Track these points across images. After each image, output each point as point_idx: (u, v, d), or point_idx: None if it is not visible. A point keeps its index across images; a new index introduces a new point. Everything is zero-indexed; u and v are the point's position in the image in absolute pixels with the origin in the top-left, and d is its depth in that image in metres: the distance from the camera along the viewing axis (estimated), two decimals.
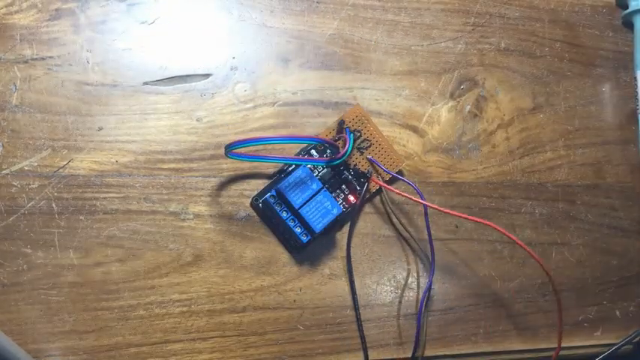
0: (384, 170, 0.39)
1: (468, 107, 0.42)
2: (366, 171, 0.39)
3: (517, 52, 0.44)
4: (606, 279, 0.44)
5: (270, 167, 0.38)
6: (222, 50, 0.38)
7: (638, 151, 0.45)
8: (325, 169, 0.38)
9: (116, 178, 0.36)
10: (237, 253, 0.37)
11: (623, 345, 0.43)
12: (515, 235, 0.42)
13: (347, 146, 0.37)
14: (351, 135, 0.38)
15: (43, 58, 0.35)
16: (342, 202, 0.38)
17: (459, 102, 0.42)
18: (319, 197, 0.36)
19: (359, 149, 0.39)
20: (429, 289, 0.39)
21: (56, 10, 0.36)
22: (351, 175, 0.38)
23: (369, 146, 0.39)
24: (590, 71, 0.45)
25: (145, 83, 0.37)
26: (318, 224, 0.36)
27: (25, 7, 0.36)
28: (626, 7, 0.46)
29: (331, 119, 0.39)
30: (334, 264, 0.38)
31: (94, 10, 0.37)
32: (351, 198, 0.38)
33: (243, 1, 0.39)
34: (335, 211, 0.36)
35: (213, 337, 0.36)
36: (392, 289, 0.39)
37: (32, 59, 0.35)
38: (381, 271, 0.39)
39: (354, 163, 0.39)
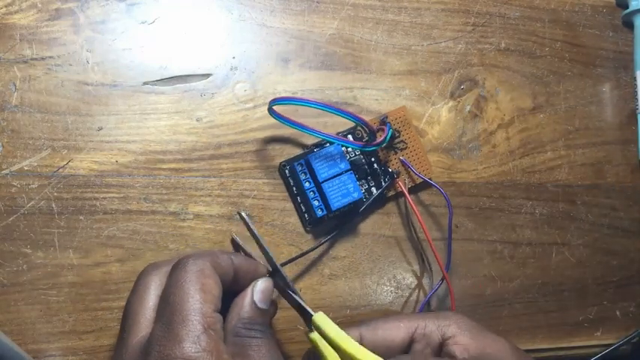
0: (415, 173, 0.39)
1: (468, 107, 0.42)
2: (395, 170, 0.39)
3: (517, 52, 0.44)
4: (606, 279, 0.44)
5: (278, 158, 0.38)
6: (222, 50, 0.38)
7: (638, 151, 0.45)
8: (357, 156, 0.39)
9: (116, 178, 0.36)
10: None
11: (620, 345, 0.43)
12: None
13: (385, 135, 0.37)
14: (391, 130, 0.38)
15: (42, 58, 0.35)
16: (364, 192, 0.38)
17: (459, 102, 0.42)
18: (344, 177, 0.37)
19: (394, 148, 0.39)
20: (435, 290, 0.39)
21: (56, 10, 0.36)
22: (381, 169, 0.39)
23: (405, 148, 0.40)
24: (590, 71, 0.45)
25: (145, 83, 0.37)
26: (337, 202, 0.36)
27: (25, 7, 0.36)
28: (626, 7, 0.46)
29: (331, 119, 0.39)
30: (334, 264, 0.38)
31: (94, 10, 0.37)
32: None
33: (243, 1, 0.39)
34: (355, 195, 0.37)
35: None
36: (392, 289, 0.39)
37: (32, 59, 0.35)
38: (381, 271, 0.39)
39: (386, 160, 0.39)
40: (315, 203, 0.37)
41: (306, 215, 0.38)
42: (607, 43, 0.46)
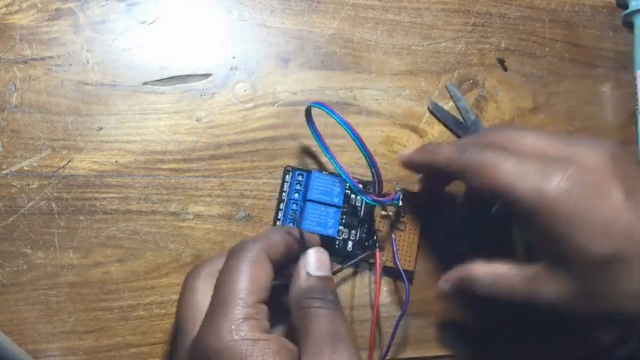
0: (395, 262, 0.37)
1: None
2: (377, 243, 0.37)
3: (517, 52, 0.44)
4: None
5: (277, 158, 0.38)
6: (222, 50, 0.38)
7: (638, 151, 0.45)
8: (356, 205, 0.38)
9: (116, 178, 0.36)
10: None
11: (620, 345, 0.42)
12: None
13: (391, 197, 0.36)
14: (398, 201, 0.37)
15: (42, 58, 0.35)
16: (341, 239, 0.37)
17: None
18: (330, 210, 0.36)
19: (394, 225, 0.38)
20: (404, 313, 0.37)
21: (56, 10, 0.36)
22: (368, 233, 0.37)
23: (402, 230, 0.38)
24: (590, 71, 0.45)
25: (145, 83, 0.37)
26: (309, 225, 0.35)
27: (25, 7, 0.36)
28: (626, 7, 0.46)
29: (331, 119, 0.39)
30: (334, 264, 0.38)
31: (94, 10, 0.37)
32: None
33: (243, 1, 0.39)
34: (330, 231, 0.36)
35: None
36: (392, 289, 0.39)
37: (32, 59, 0.35)
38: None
39: (379, 228, 0.38)
40: (291, 217, 0.36)
41: (278, 222, 0.37)
42: (607, 43, 0.46)
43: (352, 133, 0.33)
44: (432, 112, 0.41)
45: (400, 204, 0.37)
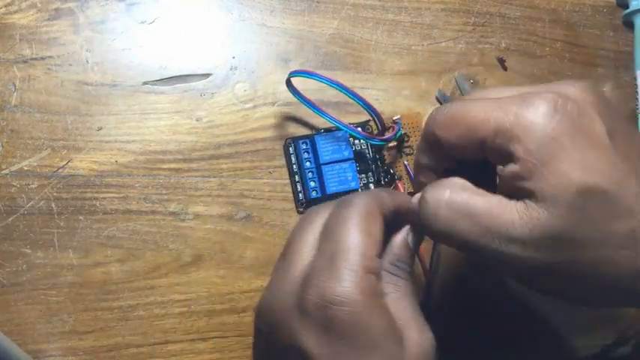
0: (413, 183, 0.39)
1: None
2: (397, 174, 0.39)
3: (517, 52, 0.44)
4: None
5: (278, 158, 0.38)
6: (222, 50, 0.38)
7: None
8: (362, 149, 0.39)
9: (116, 178, 0.36)
10: (237, 253, 0.37)
11: (620, 345, 0.43)
12: None
13: (393, 133, 0.37)
14: (401, 130, 0.38)
15: (42, 58, 0.35)
16: (362, 186, 0.38)
17: None
18: (345, 165, 0.37)
19: (401, 152, 0.40)
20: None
21: (55, 9, 0.36)
22: (383, 170, 0.39)
23: (411, 154, 0.40)
24: (590, 71, 0.45)
25: (145, 83, 0.37)
26: (332, 187, 0.36)
27: (25, 7, 0.36)
28: (627, 7, 0.46)
29: (339, 112, 0.39)
30: None
31: (94, 9, 0.37)
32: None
33: (243, 1, 0.39)
34: (353, 184, 0.37)
35: (213, 338, 0.36)
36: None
37: (31, 59, 0.35)
38: None
39: (392, 161, 0.39)
40: (312, 184, 0.37)
41: (300, 195, 0.37)
42: (607, 43, 0.46)
43: (342, 87, 0.35)
44: (440, 103, 0.41)
45: (403, 131, 0.39)
